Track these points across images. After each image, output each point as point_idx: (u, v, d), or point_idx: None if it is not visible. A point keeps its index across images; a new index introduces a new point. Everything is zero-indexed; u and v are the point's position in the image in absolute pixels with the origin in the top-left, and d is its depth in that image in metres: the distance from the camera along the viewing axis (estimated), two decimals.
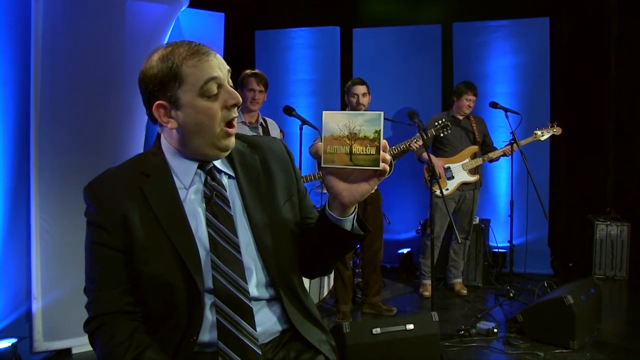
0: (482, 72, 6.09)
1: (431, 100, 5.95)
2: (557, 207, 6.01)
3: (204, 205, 1.55)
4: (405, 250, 6.06)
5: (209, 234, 1.51)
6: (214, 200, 1.55)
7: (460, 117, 5.24)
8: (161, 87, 1.48)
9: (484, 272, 5.54)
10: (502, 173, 6.04)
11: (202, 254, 1.51)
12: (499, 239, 5.74)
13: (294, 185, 1.72)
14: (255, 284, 1.56)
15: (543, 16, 5.91)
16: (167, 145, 1.58)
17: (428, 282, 5.31)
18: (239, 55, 6.59)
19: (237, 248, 1.53)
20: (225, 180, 1.61)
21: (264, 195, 1.63)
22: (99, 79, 4.00)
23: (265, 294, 1.58)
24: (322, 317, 4.63)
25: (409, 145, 4.59)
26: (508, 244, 5.18)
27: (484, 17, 6.11)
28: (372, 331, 3.29)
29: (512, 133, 4.77)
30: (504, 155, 5.12)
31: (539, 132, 4.99)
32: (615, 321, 4.53)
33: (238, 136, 1.67)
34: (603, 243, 5.65)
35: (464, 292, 5.28)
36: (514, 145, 4.83)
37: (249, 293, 1.52)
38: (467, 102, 5.18)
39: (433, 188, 4.85)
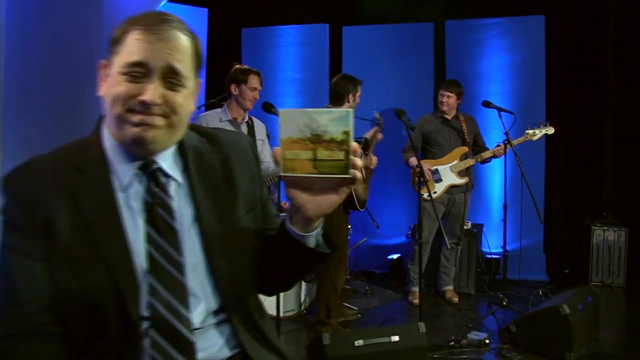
0: (476, 71, 5.90)
1: (423, 100, 5.74)
2: (552, 211, 5.80)
3: (145, 215, 1.28)
4: (395, 256, 5.85)
5: (148, 252, 1.25)
6: (157, 211, 1.28)
7: (449, 117, 5.03)
8: (110, 45, 1.26)
9: (476, 278, 5.33)
10: (495, 175, 5.83)
11: (140, 272, 1.25)
12: (492, 244, 5.54)
13: (258, 193, 1.46)
14: (202, 311, 1.30)
15: (538, 14, 5.72)
16: (106, 131, 1.32)
17: (417, 289, 5.09)
18: (226, 53, 6.38)
19: (181, 269, 1.27)
20: (173, 186, 1.34)
21: (222, 204, 1.35)
22: (74, 72, 3.80)
23: (213, 320, 1.33)
24: (301, 328, 4.43)
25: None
26: (501, 250, 5.00)
27: (477, 14, 5.92)
28: (354, 343, 3.07)
29: (505, 133, 4.57)
30: (495, 156, 4.92)
31: (531, 132, 4.77)
32: (613, 331, 4.33)
33: (196, 128, 1.43)
34: (600, 249, 5.45)
35: (455, 299, 5.06)
36: (506, 145, 4.62)
37: (191, 324, 1.27)
38: (441, 98, 4.99)
39: (420, 191, 4.68)
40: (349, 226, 5.23)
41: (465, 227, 5.33)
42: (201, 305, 1.30)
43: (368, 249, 6.08)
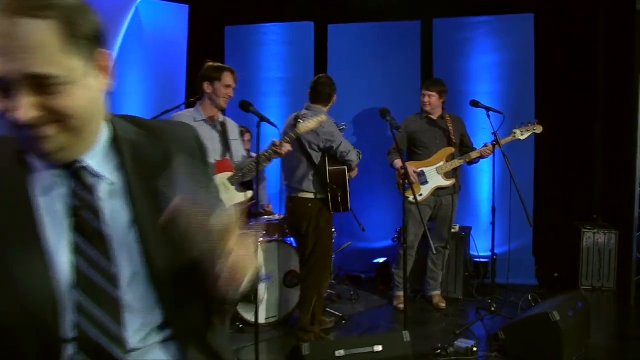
0: (464, 70, 5.78)
1: (410, 100, 5.55)
2: (542, 213, 5.66)
3: (70, 220, 1.09)
4: (381, 260, 5.70)
5: (74, 263, 1.07)
6: (82, 215, 1.09)
7: (434, 117, 4.89)
8: None
9: (464, 283, 5.19)
10: (484, 177, 5.71)
11: (63, 289, 1.06)
12: (480, 247, 5.41)
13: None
14: (142, 328, 1.12)
15: (528, 12, 5.60)
16: None
17: (402, 294, 4.95)
18: (208, 51, 6.21)
19: (113, 281, 1.08)
20: (104, 186, 1.13)
21: (165, 205, 1.10)
22: None
23: (155, 338, 1.15)
24: (282, 336, 4.26)
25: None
26: (490, 253, 4.88)
27: (465, 13, 5.81)
28: (335, 353, 2.92)
29: (494, 134, 4.44)
30: (482, 157, 4.78)
31: (518, 131, 4.63)
32: (604, 336, 4.22)
33: (134, 120, 1.23)
34: (590, 252, 5.33)
35: (443, 305, 4.92)
36: (494, 145, 4.48)
37: (127, 344, 1.09)
38: (422, 98, 4.87)
39: (406, 194, 4.53)
40: (333, 229, 5.09)
41: (453, 231, 5.19)
42: (140, 322, 1.12)
43: (353, 253, 5.93)
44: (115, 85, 1.15)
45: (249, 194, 3.56)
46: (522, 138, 4.63)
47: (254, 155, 3.70)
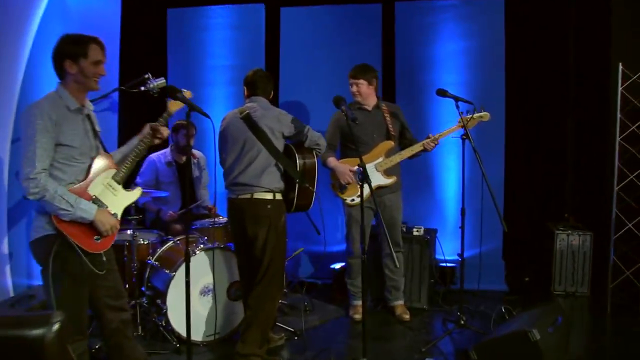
0: (429, 57, 5.31)
1: None
2: (511, 213, 5.22)
3: None
4: (338, 266, 5.18)
5: None
6: None
7: (369, 108, 4.40)
8: None
9: (429, 291, 4.72)
10: (450, 175, 5.26)
11: None
12: (446, 251, 4.96)
13: None
14: None
15: None
16: None
17: (358, 302, 4.50)
18: (149, 37, 5.63)
19: None
20: None
21: None
22: None
23: None
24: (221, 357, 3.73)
25: None
26: (457, 257, 4.43)
27: None
28: None
29: (463, 125, 3.96)
30: (425, 150, 4.29)
31: (466, 119, 4.04)
32: (581, 351, 3.79)
33: None
34: (564, 255, 4.92)
35: (407, 317, 4.43)
36: (464, 140, 3.99)
37: None
38: (351, 87, 4.38)
39: (340, 196, 4.25)
40: None
41: (416, 233, 4.73)
42: None
43: (308, 258, 5.42)
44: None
45: (138, 190, 2.95)
46: (469, 126, 4.09)
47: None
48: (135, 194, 2.90)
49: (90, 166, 2.73)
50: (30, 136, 2.50)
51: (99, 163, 2.77)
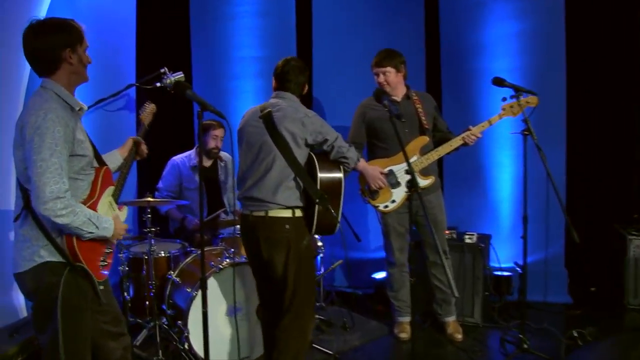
0: (477, 42, 4.74)
1: (412, 77, 4.48)
2: (573, 215, 4.59)
3: None
4: (379, 275, 4.71)
5: None
6: None
7: (398, 99, 3.87)
8: None
9: (484, 304, 4.19)
10: (503, 174, 4.72)
11: None
12: (501, 257, 4.43)
13: None
14: None
15: None
16: None
17: (404, 319, 4.03)
18: (166, 26, 5.21)
19: None
20: None
21: None
22: None
23: None
24: None
25: None
26: (514, 265, 3.92)
27: None
28: None
29: (524, 120, 3.42)
30: (465, 144, 3.76)
31: (507, 106, 3.59)
32: None
33: None
34: (639, 263, 4.33)
35: (459, 336, 3.91)
36: (526, 136, 3.44)
37: None
38: (376, 78, 3.86)
39: (372, 202, 3.77)
40: (321, 244, 4.12)
41: (469, 241, 4.21)
42: None
43: (346, 265, 4.95)
44: None
45: (125, 210, 2.55)
46: (514, 114, 3.58)
47: None
48: (123, 214, 2.51)
49: (95, 180, 2.35)
50: (51, 147, 2.09)
51: (104, 177, 2.39)
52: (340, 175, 3.10)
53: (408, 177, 3.68)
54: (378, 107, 3.64)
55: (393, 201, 3.76)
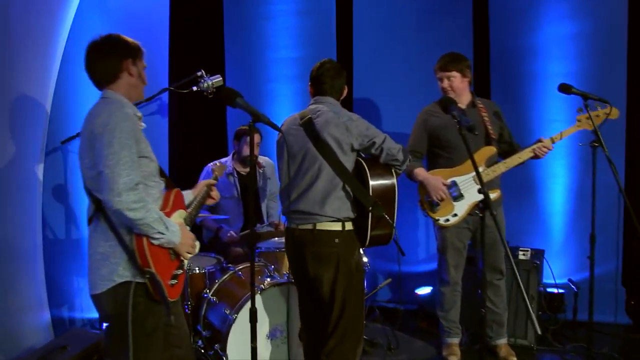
0: (529, 45, 4.47)
1: None
2: (631, 228, 4.32)
3: None
4: (423, 291, 4.47)
5: None
6: None
7: (463, 105, 3.61)
8: None
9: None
10: (556, 184, 4.44)
11: None
12: (554, 272, 4.18)
13: None
14: None
15: None
16: None
17: (453, 340, 3.78)
18: (201, 27, 5.03)
19: None
20: None
21: None
22: None
23: None
24: None
25: None
26: (568, 282, 3.67)
27: None
28: None
29: (594, 132, 3.15)
30: (535, 157, 3.52)
31: (583, 119, 3.36)
32: None
33: None
34: None
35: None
36: (595, 147, 3.18)
37: None
38: (440, 83, 3.62)
39: (431, 215, 3.51)
40: (366, 259, 3.88)
41: (523, 257, 3.96)
42: None
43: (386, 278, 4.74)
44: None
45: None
46: (589, 127, 3.33)
47: None
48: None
49: (167, 194, 2.33)
50: (121, 140, 2.08)
51: (176, 196, 2.37)
52: (393, 180, 2.90)
53: (472, 189, 3.48)
54: (441, 114, 3.44)
55: (455, 215, 3.51)
